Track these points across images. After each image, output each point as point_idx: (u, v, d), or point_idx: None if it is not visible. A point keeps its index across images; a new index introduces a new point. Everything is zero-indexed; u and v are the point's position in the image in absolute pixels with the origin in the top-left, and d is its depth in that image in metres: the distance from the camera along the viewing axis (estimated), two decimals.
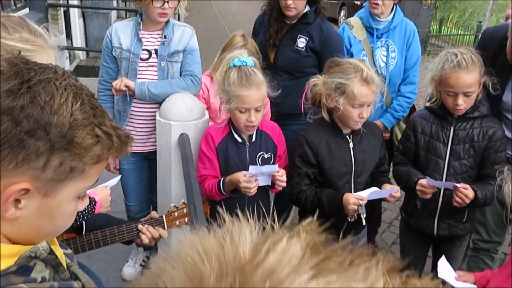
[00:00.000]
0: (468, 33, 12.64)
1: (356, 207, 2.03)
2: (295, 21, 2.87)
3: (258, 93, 2.04)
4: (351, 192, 2.16)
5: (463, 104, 2.14)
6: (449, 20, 14.48)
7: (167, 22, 2.54)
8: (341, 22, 14.57)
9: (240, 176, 2.00)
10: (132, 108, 2.54)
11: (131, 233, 1.82)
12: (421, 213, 2.38)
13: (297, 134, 2.62)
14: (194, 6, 12.51)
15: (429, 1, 11.18)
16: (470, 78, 2.09)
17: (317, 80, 2.16)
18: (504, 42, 2.17)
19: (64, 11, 7.14)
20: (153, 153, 2.59)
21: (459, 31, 12.77)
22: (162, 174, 2.52)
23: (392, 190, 2.12)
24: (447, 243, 2.42)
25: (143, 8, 2.47)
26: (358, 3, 14.01)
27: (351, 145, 2.18)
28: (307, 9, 2.86)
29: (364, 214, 2.04)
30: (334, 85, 2.05)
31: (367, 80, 2.02)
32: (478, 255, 2.73)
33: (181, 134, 2.37)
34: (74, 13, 7.59)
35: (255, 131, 2.18)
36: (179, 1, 2.46)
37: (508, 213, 1.65)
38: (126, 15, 12.84)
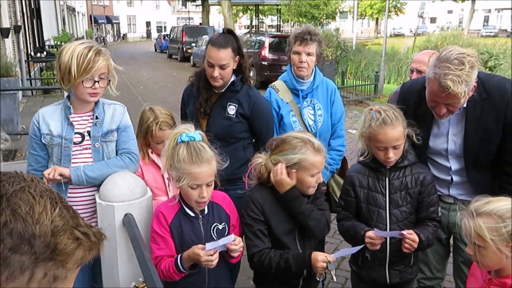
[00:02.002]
0: (368, 83, 13.74)
1: (325, 264, 2.06)
2: (223, 90, 2.96)
3: (209, 169, 2.04)
4: (298, 249, 2.22)
5: (393, 156, 2.32)
6: (347, 72, 15.68)
7: (96, 102, 2.50)
8: (252, 83, 15.26)
9: (200, 251, 1.96)
10: (69, 195, 2.42)
11: None
12: (371, 264, 2.46)
13: (237, 199, 2.65)
14: None
15: (330, 58, 12.09)
16: (397, 132, 2.28)
17: (260, 160, 2.25)
18: (423, 93, 2.38)
19: None
20: None
21: (360, 82, 13.85)
22: (107, 259, 2.39)
23: (359, 247, 2.22)
24: None
25: (72, 90, 2.42)
26: (266, 63, 14.83)
27: None
28: (233, 78, 2.97)
29: (334, 271, 2.08)
30: (291, 161, 2.15)
31: (319, 149, 2.16)
32: None
33: (125, 214, 2.29)
34: None
35: None
36: (109, 81, 2.44)
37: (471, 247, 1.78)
38: (32, 93, 12.42)
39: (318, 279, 2.22)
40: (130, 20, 72.05)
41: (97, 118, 2.48)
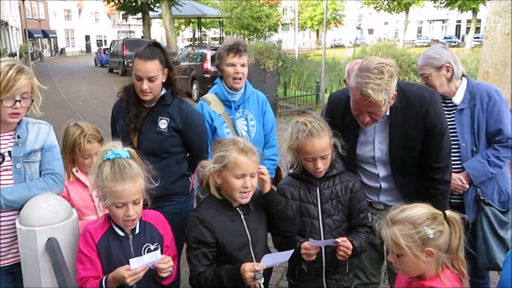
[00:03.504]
0: (310, 93, 14.02)
1: (253, 274, 2.01)
2: (153, 104, 2.90)
3: (134, 187, 1.98)
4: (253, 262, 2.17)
5: (322, 166, 2.35)
6: (291, 83, 15.92)
7: (19, 121, 2.38)
8: (195, 95, 15.23)
9: (124, 272, 1.89)
10: None
11: None
12: (308, 275, 2.46)
13: (173, 216, 2.59)
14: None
15: (272, 69, 12.23)
16: (323, 142, 2.31)
17: (206, 163, 2.22)
18: (349, 103, 2.44)
19: None
20: (17, 265, 2.31)
21: (302, 92, 14.11)
22: (30, 286, 2.26)
23: (289, 252, 2.14)
24: None
25: None
26: (208, 76, 14.78)
27: (243, 216, 2.23)
28: (163, 91, 2.92)
29: (262, 279, 2.02)
30: (215, 159, 2.14)
31: (244, 150, 2.14)
32: None
33: (48, 239, 2.18)
34: None
35: (138, 222, 2.10)
36: (32, 100, 2.33)
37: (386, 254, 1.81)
38: None
39: None
40: (68, 34, 69.91)
41: (19, 137, 2.35)
